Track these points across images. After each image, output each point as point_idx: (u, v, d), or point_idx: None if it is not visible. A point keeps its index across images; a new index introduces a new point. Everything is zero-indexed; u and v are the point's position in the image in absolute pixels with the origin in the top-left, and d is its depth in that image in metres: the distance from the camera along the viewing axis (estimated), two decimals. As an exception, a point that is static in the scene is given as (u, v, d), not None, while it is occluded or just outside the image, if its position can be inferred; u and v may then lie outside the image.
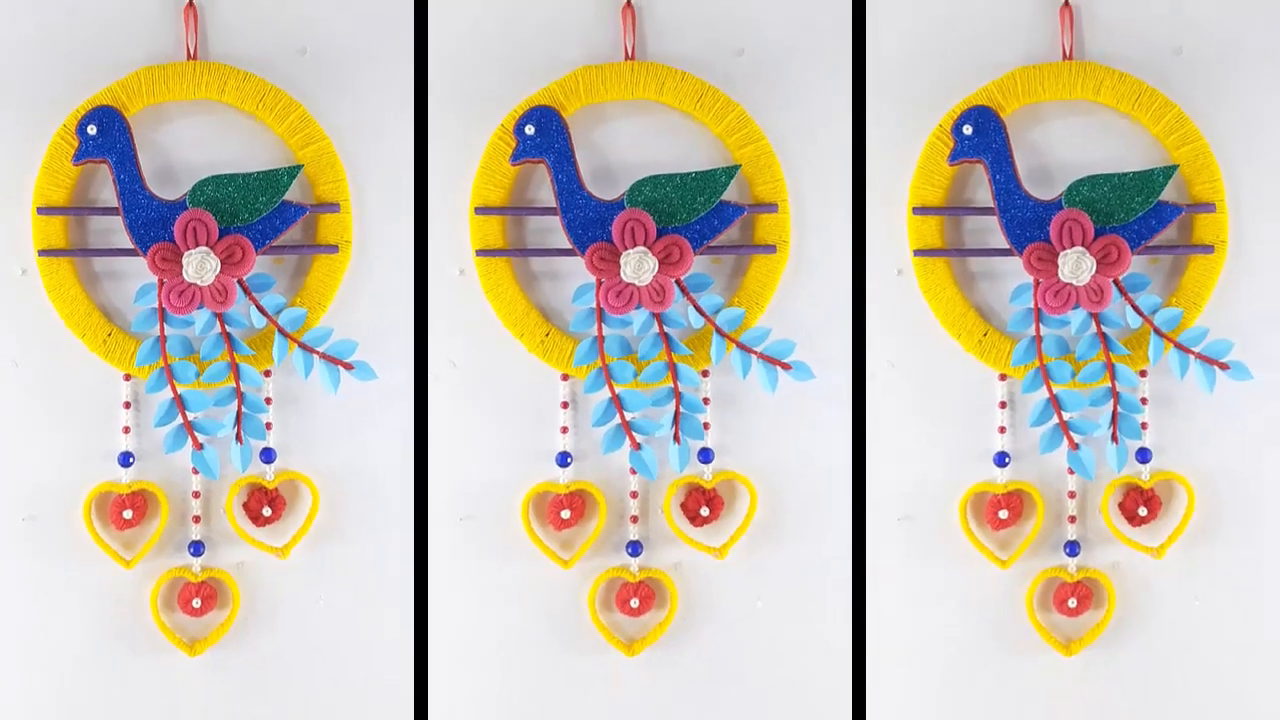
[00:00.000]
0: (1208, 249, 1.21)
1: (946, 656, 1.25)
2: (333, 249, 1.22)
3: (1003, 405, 1.23)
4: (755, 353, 1.20)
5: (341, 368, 1.20)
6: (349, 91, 1.23)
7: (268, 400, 1.22)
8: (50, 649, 1.24)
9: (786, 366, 1.20)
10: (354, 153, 1.22)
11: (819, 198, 1.23)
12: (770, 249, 1.22)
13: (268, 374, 1.22)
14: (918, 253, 1.22)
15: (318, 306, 1.22)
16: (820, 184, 1.24)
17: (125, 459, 1.22)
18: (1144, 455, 1.23)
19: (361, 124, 1.23)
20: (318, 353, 1.20)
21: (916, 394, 1.24)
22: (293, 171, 1.20)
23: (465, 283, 1.23)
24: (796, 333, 1.22)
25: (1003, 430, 1.24)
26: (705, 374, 1.23)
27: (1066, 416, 1.21)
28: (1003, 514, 1.23)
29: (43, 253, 1.21)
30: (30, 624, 1.24)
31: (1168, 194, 1.21)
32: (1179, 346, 1.20)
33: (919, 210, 1.22)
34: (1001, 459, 1.23)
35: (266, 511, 1.23)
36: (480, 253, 1.22)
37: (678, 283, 1.20)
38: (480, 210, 1.21)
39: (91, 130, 1.18)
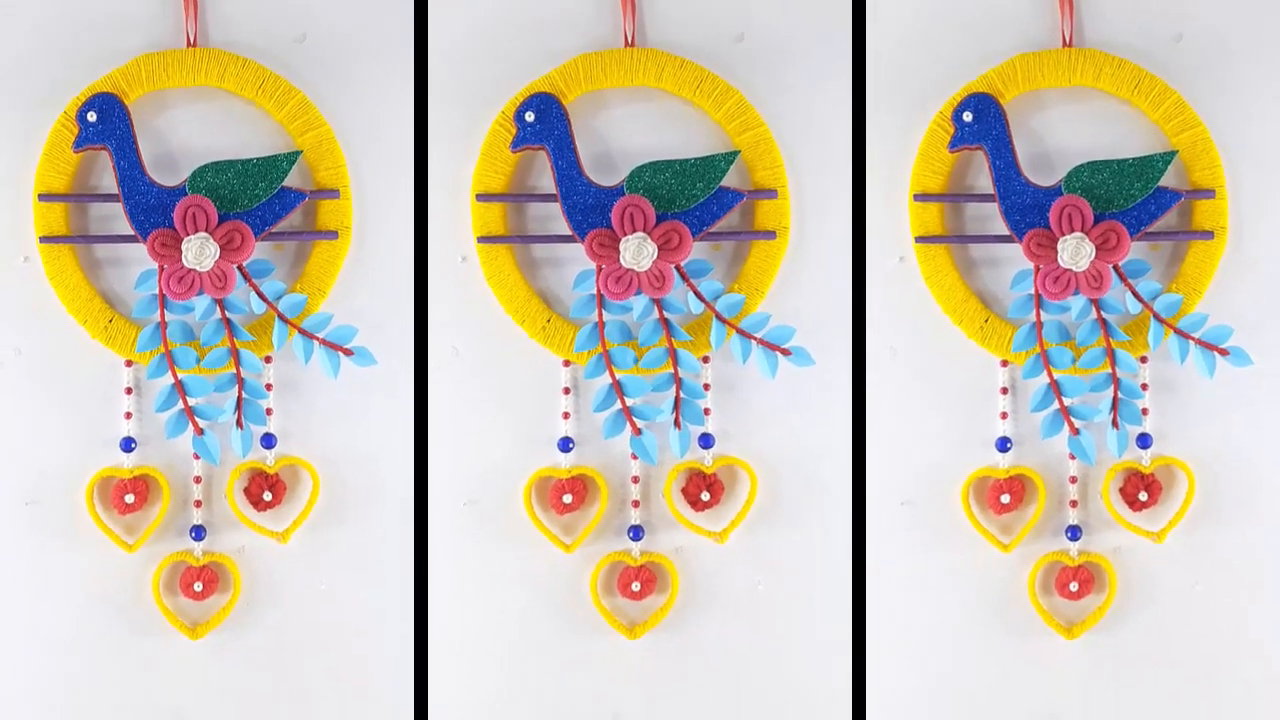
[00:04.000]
0: (1207, 235, 1.21)
1: (948, 640, 1.25)
2: (332, 235, 1.22)
3: (1004, 391, 1.23)
4: (755, 338, 1.20)
5: (341, 353, 1.20)
6: (348, 78, 1.23)
7: (268, 386, 1.23)
8: (52, 632, 1.24)
9: (786, 352, 1.20)
10: (353, 139, 1.23)
11: (819, 184, 1.23)
12: (770, 235, 1.22)
13: (268, 360, 1.22)
14: (919, 239, 1.22)
15: (317, 292, 1.22)
16: (820, 170, 1.23)
17: (127, 444, 1.22)
18: (1144, 440, 1.23)
19: (361, 110, 1.23)
20: (317, 338, 1.20)
21: (919, 380, 1.24)
22: (292, 157, 1.20)
23: (467, 269, 1.23)
24: (796, 319, 1.22)
25: (1004, 416, 1.23)
26: (705, 360, 1.23)
27: (1067, 402, 1.21)
28: (1005, 498, 1.23)
29: (44, 239, 1.21)
30: (33, 608, 1.24)
31: (1167, 180, 1.21)
32: (1179, 332, 1.19)
33: (920, 197, 1.22)
34: (1003, 444, 1.23)
35: (267, 496, 1.23)
36: (481, 239, 1.22)
37: (677, 268, 1.20)
38: (481, 197, 1.22)
39: (92, 117, 1.18)
